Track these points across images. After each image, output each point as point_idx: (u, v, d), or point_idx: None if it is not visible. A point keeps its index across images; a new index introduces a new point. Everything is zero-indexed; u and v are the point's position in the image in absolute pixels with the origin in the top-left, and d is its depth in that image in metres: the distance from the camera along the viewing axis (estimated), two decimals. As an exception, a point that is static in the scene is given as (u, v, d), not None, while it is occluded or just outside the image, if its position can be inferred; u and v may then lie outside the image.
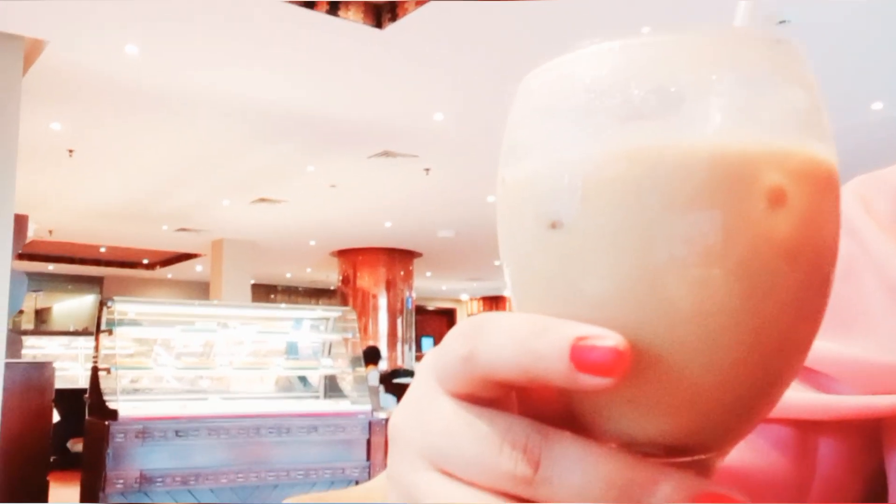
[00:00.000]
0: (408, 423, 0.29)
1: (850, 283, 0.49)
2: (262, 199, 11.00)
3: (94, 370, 5.11)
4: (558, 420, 0.28)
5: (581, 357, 0.24)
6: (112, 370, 4.98)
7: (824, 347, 0.47)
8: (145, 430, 4.71)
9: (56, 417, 6.40)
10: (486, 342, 0.26)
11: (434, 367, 0.29)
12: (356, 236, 13.43)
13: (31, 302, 17.90)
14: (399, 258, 14.49)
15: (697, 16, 5.09)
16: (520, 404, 0.30)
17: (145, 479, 4.66)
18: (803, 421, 0.47)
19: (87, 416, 5.13)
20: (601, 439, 0.29)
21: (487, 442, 0.26)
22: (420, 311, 19.90)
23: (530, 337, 0.25)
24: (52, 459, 6.17)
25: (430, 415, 0.28)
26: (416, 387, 0.30)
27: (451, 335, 0.28)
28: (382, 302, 14.14)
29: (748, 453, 0.47)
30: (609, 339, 0.25)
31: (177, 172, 9.56)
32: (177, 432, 4.81)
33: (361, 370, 5.87)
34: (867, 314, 0.48)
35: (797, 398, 0.47)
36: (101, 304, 5.32)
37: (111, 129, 7.85)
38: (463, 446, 0.27)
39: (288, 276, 19.33)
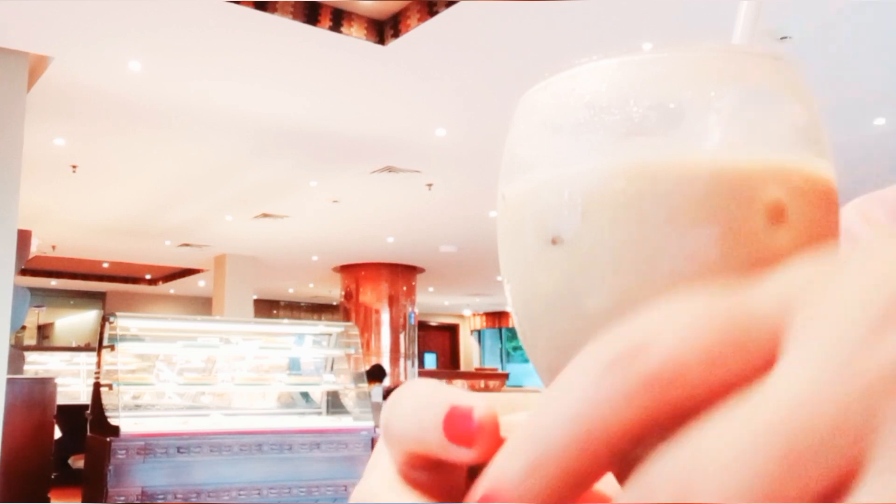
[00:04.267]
0: (360, 482, 0.29)
1: None
2: (265, 215, 11.02)
3: (96, 386, 5.11)
4: None
5: (450, 427, 0.23)
6: (114, 386, 4.98)
7: None
8: (147, 447, 4.70)
9: (57, 433, 6.38)
10: (395, 412, 0.26)
11: None
12: (359, 251, 13.44)
13: (33, 317, 17.93)
14: (401, 273, 14.50)
15: (699, 30, 5.12)
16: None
17: (147, 496, 4.64)
18: None
19: (88, 433, 5.12)
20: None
21: None
22: (423, 326, 19.90)
23: (421, 407, 0.24)
24: (53, 476, 6.15)
25: (370, 478, 0.28)
26: (379, 443, 0.30)
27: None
28: (385, 317, 14.13)
29: None
30: (476, 408, 0.23)
31: (179, 188, 9.59)
32: (178, 449, 4.80)
33: (364, 386, 5.85)
34: None
35: None
36: (104, 319, 5.33)
37: (114, 145, 7.88)
38: None
39: (290, 291, 19.33)
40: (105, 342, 5.18)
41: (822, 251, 0.21)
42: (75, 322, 19.36)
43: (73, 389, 8.54)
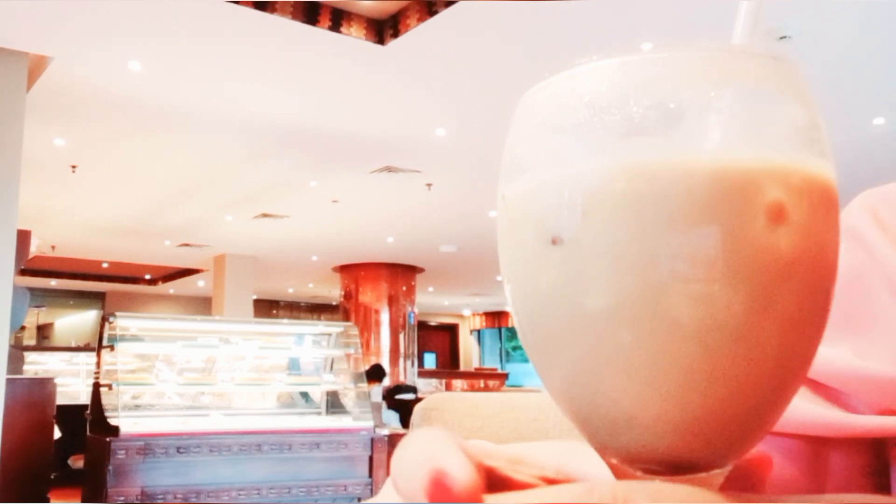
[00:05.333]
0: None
1: (860, 289, 0.49)
2: (265, 215, 11.01)
3: (96, 386, 5.10)
4: None
5: (432, 494, 0.24)
6: (113, 386, 4.97)
7: (838, 357, 0.47)
8: (147, 447, 4.69)
9: (57, 434, 6.37)
10: (397, 466, 0.26)
11: None
12: (358, 251, 13.43)
13: (33, 317, 17.93)
14: (401, 273, 14.49)
15: (699, 30, 5.12)
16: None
17: (146, 497, 4.64)
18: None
19: (88, 433, 5.11)
20: (603, 455, 0.29)
21: None
22: (422, 326, 19.89)
23: (414, 466, 0.25)
24: (52, 476, 6.15)
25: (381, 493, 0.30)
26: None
27: None
28: (384, 317, 14.12)
29: None
30: (458, 481, 0.24)
31: (179, 188, 9.58)
32: (178, 449, 4.80)
33: (364, 386, 5.85)
34: (878, 320, 0.49)
35: (810, 414, 0.47)
36: (103, 319, 5.32)
37: (114, 145, 7.88)
38: None
39: (290, 291, 19.32)
40: (105, 342, 5.18)
41: None
42: (75, 322, 19.35)
43: (72, 389, 8.53)
